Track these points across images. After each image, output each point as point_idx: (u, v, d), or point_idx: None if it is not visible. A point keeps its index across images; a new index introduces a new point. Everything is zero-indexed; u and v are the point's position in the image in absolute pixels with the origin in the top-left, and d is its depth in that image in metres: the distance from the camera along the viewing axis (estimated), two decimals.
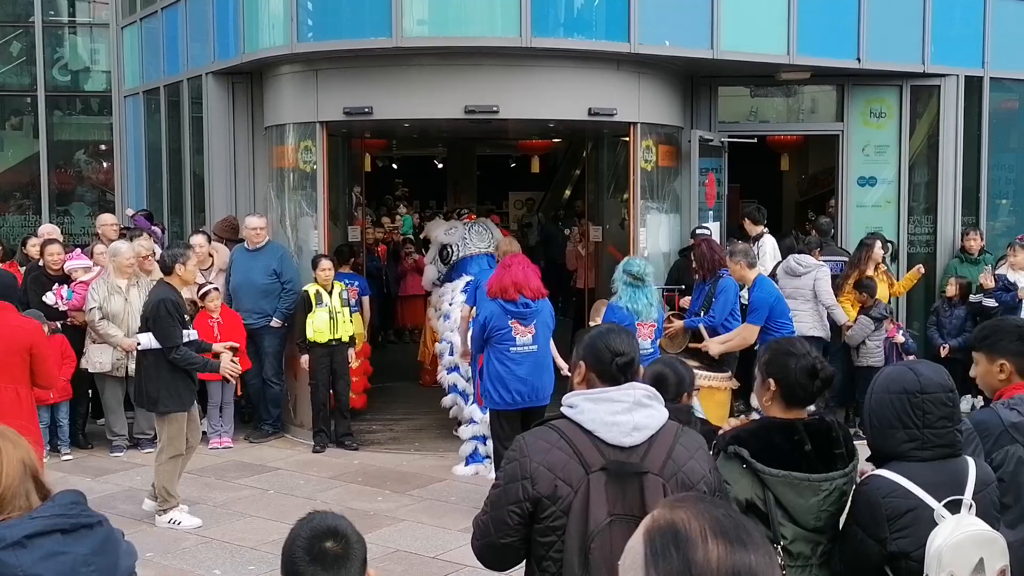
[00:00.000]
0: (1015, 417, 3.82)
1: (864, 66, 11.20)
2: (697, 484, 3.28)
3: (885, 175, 11.94)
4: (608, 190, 13.00)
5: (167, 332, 7.67)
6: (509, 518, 3.28)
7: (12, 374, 6.45)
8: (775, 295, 8.65)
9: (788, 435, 3.52)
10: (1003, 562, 3.32)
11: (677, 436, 3.34)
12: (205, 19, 11.73)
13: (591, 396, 3.32)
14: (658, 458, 3.27)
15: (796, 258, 10.34)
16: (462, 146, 18.15)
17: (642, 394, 3.33)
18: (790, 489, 3.47)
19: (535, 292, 7.96)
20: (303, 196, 10.74)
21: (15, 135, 17.04)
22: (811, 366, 3.57)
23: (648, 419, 3.30)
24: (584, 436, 3.25)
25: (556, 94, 10.08)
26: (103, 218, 11.76)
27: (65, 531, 2.65)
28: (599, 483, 3.21)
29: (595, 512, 3.19)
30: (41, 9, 16.19)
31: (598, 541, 3.15)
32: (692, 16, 10.38)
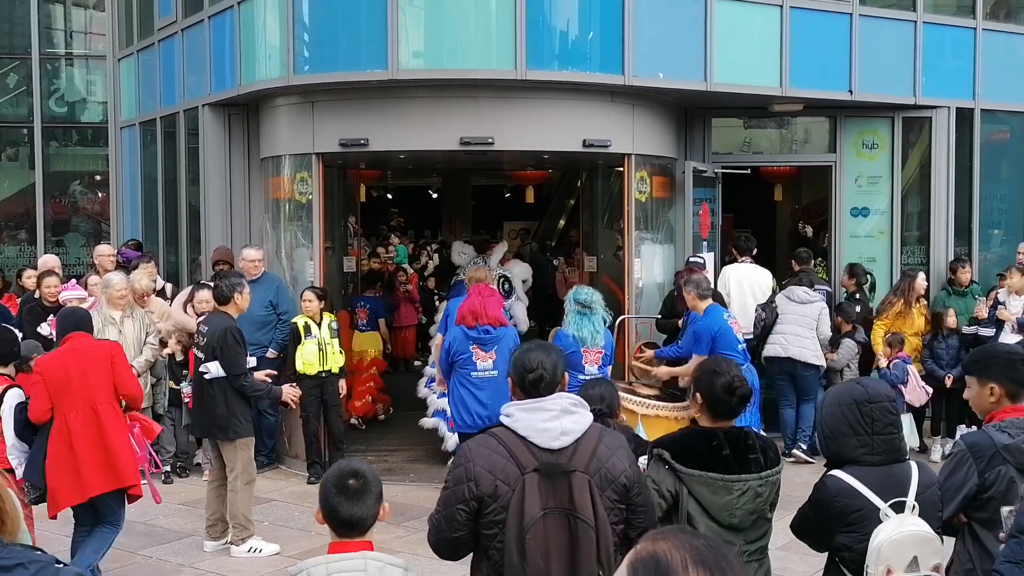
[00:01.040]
0: (1006, 439, 4.05)
1: (856, 98, 11.29)
2: (618, 478, 3.80)
3: (878, 206, 12.01)
4: (602, 220, 13.05)
5: (235, 360, 7.81)
6: (458, 515, 3.78)
7: (106, 391, 6.92)
8: (719, 327, 8.72)
9: (707, 441, 4.10)
10: (937, 560, 3.68)
11: (600, 437, 3.85)
12: (202, 51, 11.80)
13: (524, 406, 3.83)
14: (583, 457, 3.77)
15: (800, 287, 10.63)
16: (457, 176, 18.21)
17: (568, 402, 3.84)
18: (705, 487, 4.00)
19: (493, 320, 8.22)
20: (299, 227, 10.77)
21: (11, 166, 17.06)
22: (729, 384, 4.14)
23: (574, 424, 3.80)
24: (519, 441, 3.76)
25: (551, 126, 10.14)
26: (100, 249, 11.75)
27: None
28: (533, 482, 3.71)
29: (529, 507, 3.69)
30: (38, 41, 16.26)
31: (533, 531, 3.67)
32: (686, 49, 10.47)
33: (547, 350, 4.03)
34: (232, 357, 7.80)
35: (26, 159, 16.71)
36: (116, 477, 6.89)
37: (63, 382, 6.88)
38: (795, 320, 10.39)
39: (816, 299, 10.52)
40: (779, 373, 10.46)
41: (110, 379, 7.00)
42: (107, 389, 6.96)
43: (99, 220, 16.55)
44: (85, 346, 7.06)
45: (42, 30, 16.49)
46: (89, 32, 17.24)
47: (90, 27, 17.25)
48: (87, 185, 16.87)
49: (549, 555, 3.70)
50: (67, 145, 16.97)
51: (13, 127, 16.77)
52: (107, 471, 6.85)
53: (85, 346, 7.06)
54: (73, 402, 6.84)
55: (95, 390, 6.90)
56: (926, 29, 11.76)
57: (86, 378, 6.92)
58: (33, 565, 2.70)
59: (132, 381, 7.21)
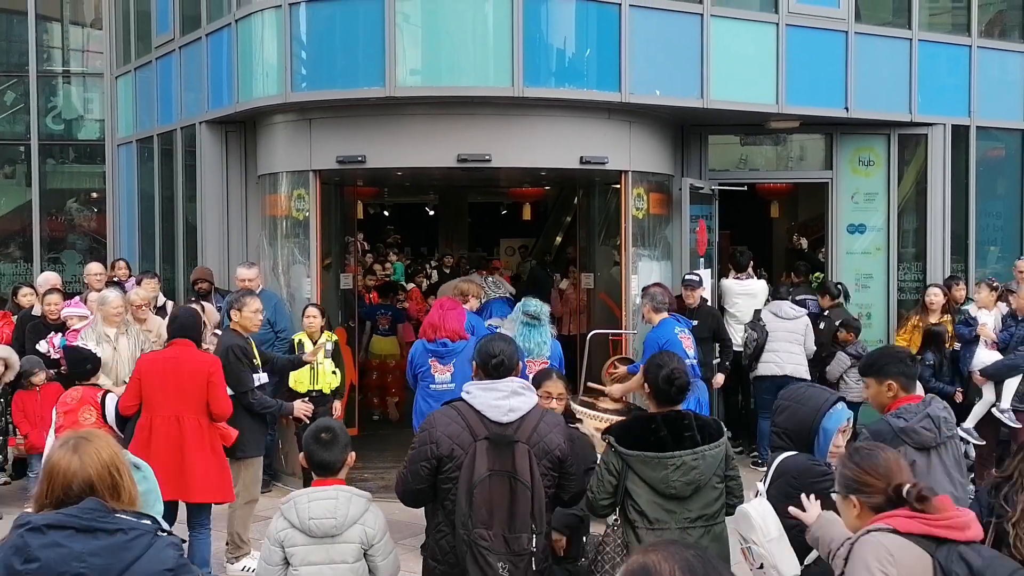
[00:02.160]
0: (902, 423, 4.75)
1: (852, 115, 11.33)
2: (553, 450, 4.72)
3: (874, 222, 12.03)
4: (599, 237, 13.06)
5: (239, 377, 7.79)
6: (421, 471, 4.70)
7: (196, 405, 7.01)
8: (666, 339, 8.68)
9: (647, 425, 4.82)
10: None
11: (542, 416, 4.79)
12: (199, 68, 11.82)
13: (481, 386, 4.77)
14: (526, 431, 4.67)
15: (786, 303, 10.77)
16: (454, 193, 18.24)
17: (518, 385, 4.78)
18: (644, 464, 4.71)
19: (451, 334, 8.27)
20: (296, 244, 10.77)
21: (7, 184, 17.05)
22: (669, 375, 4.86)
23: (521, 404, 4.71)
24: (474, 414, 4.68)
25: (548, 142, 10.16)
26: (90, 267, 11.72)
27: (79, 529, 3.10)
28: (483, 448, 4.62)
29: (478, 468, 4.60)
30: (36, 59, 16.28)
31: (479, 488, 4.59)
32: (682, 66, 10.50)
33: (507, 341, 5.00)
34: (235, 375, 7.76)
35: (23, 176, 16.69)
36: (184, 491, 7.02)
37: (157, 385, 7.08)
38: (784, 337, 10.50)
39: (801, 314, 10.66)
40: (769, 388, 10.48)
41: (203, 394, 7.09)
42: (197, 403, 7.04)
43: (96, 237, 16.53)
44: (186, 356, 7.20)
45: (39, 48, 16.51)
46: (86, 50, 17.25)
47: (87, 45, 17.27)
48: (84, 202, 16.85)
49: (492, 508, 4.60)
50: (64, 162, 16.96)
51: (10, 145, 16.76)
52: (177, 482, 6.92)
53: (186, 356, 7.20)
54: (161, 407, 6.96)
55: (185, 402, 6.99)
56: (921, 47, 11.81)
57: (180, 388, 7.04)
58: (132, 531, 3.17)
59: (225, 400, 7.27)
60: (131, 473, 3.32)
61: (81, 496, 3.18)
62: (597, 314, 12.50)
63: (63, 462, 3.22)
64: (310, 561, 4.47)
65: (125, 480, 3.27)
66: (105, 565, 3.10)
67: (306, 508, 4.47)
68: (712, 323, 10.31)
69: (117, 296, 9.71)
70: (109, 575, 3.11)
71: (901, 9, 12.10)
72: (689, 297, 10.21)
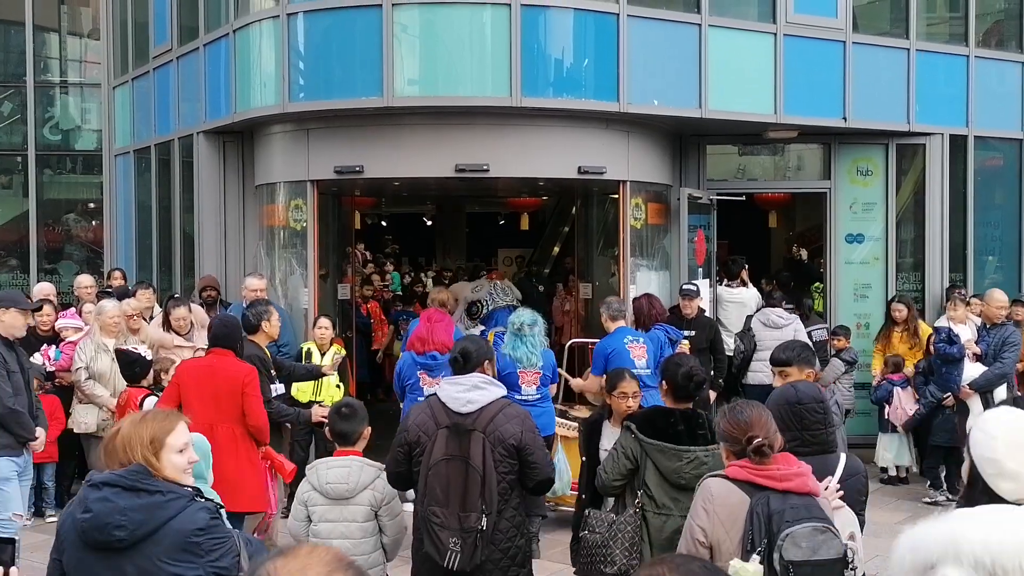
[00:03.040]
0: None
1: (850, 125, 11.33)
2: (507, 440, 5.14)
3: (872, 232, 12.02)
4: (597, 247, 13.04)
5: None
6: (398, 455, 5.28)
7: (230, 414, 6.95)
8: (613, 348, 8.71)
9: (667, 418, 5.19)
10: (851, 529, 4.23)
11: (501, 408, 5.22)
12: (197, 79, 11.81)
13: (448, 381, 5.36)
14: (483, 422, 5.14)
15: (775, 311, 10.75)
16: (452, 203, 18.24)
17: (479, 380, 5.26)
18: (661, 454, 5.06)
19: (440, 346, 8.24)
20: (293, 254, 10.76)
21: (4, 194, 17.02)
22: (688, 372, 5.32)
23: (480, 396, 5.19)
24: (440, 405, 5.21)
25: (546, 152, 10.16)
26: (80, 280, 11.62)
27: (125, 488, 3.58)
28: (443, 435, 5.14)
29: (436, 452, 5.13)
30: (33, 69, 16.27)
31: (434, 470, 5.12)
32: (680, 76, 10.50)
33: (474, 342, 5.59)
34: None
35: (20, 187, 16.67)
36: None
37: (193, 392, 7.04)
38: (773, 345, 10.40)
39: (791, 321, 10.67)
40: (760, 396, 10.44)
41: (238, 403, 7.03)
42: (232, 414, 6.96)
43: (93, 248, 16.51)
44: (224, 365, 7.16)
45: (37, 58, 16.50)
46: (84, 60, 17.25)
47: (85, 55, 17.27)
48: (81, 213, 16.83)
49: (448, 488, 5.11)
50: (61, 173, 16.95)
51: (7, 155, 16.73)
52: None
53: (224, 365, 7.16)
54: (196, 414, 6.73)
55: (219, 410, 6.92)
56: (919, 56, 11.81)
57: (215, 397, 6.99)
58: (170, 494, 3.62)
59: (260, 411, 7.17)
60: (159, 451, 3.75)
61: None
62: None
63: (126, 431, 3.79)
64: (327, 519, 5.24)
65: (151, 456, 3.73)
66: (143, 520, 3.56)
67: (325, 473, 5.22)
68: (709, 333, 10.27)
69: (115, 306, 9.68)
70: (145, 528, 3.56)
71: (899, 19, 12.11)
72: (687, 307, 10.18)
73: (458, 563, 5.09)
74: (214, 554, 3.65)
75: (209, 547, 3.65)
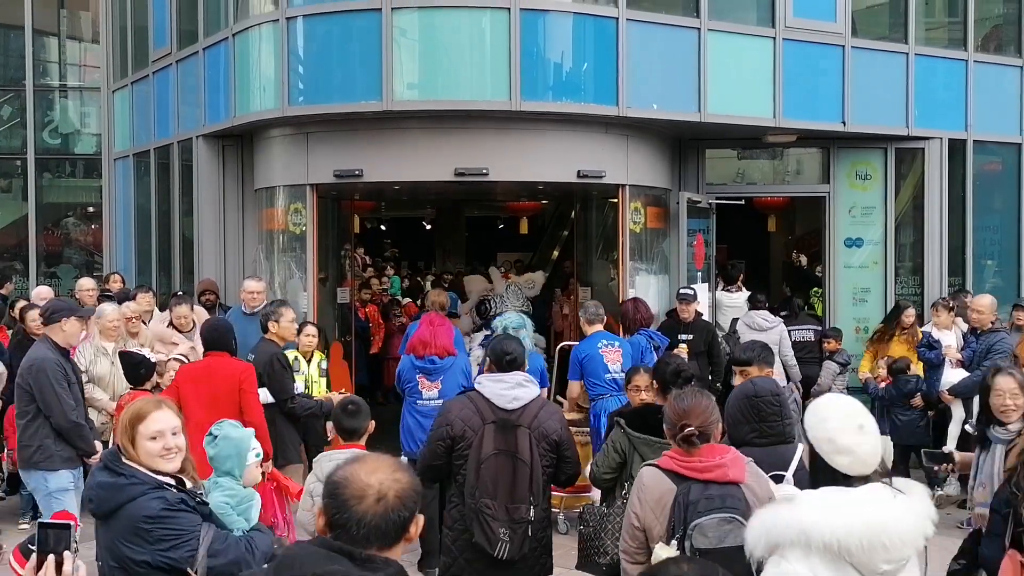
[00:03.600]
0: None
1: (849, 129, 11.34)
2: (550, 435, 5.44)
3: (871, 236, 12.03)
4: (597, 251, 13.05)
5: (282, 385, 7.85)
6: (438, 449, 5.43)
7: (228, 412, 6.88)
8: (585, 354, 8.78)
9: (654, 414, 5.18)
10: None
11: (542, 406, 5.55)
12: (196, 83, 11.82)
13: (491, 378, 5.53)
14: (528, 418, 5.41)
15: (760, 314, 10.91)
16: (451, 207, 18.23)
17: (522, 378, 5.52)
18: (647, 447, 5.30)
19: (440, 350, 8.18)
20: (292, 258, 10.76)
21: (4, 198, 17.05)
22: (676, 369, 5.71)
23: (524, 394, 5.46)
24: (484, 401, 5.43)
25: (545, 156, 10.16)
26: (82, 283, 11.58)
27: (104, 467, 3.96)
28: (490, 431, 5.36)
29: (485, 447, 5.35)
30: (33, 73, 16.29)
31: (485, 464, 5.33)
32: (680, 80, 10.51)
33: (516, 341, 5.83)
34: (280, 382, 7.83)
35: (19, 191, 16.70)
36: None
37: (192, 394, 7.20)
38: None
39: (776, 323, 10.83)
40: None
41: (235, 401, 7.14)
42: (229, 410, 6.95)
43: (92, 252, 16.52)
44: (219, 365, 7.37)
45: (37, 62, 16.53)
46: (83, 64, 17.28)
47: (84, 59, 17.30)
48: (80, 217, 16.86)
49: (497, 481, 5.34)
50: (60, 177, 16.97)
51: (6, 159, 16.76)
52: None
53: (219, 365, 7.37)
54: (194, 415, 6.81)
55: (217, 410, 6.88)
56: (918, 61, 11.82)
57: (212, 397, 7.11)
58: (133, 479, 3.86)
59: (257, 408, 7.29)
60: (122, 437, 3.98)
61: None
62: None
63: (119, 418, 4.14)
64: None
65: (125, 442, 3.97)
66: (106, 497, 3.89)
67: (327, 465, 5.32)
68: (707, 337, 10.26)
69: (114, 310, 9.66)
70: (108, 506, 3.88)
71: (898, 24, 12.12)
72: (684, 311, 10.17)
73: (507, 553, 5.36)
74: (163, 544, 3.79)
75: (158, 536, 3.79)
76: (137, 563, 3.80)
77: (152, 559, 3.80)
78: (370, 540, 2.60)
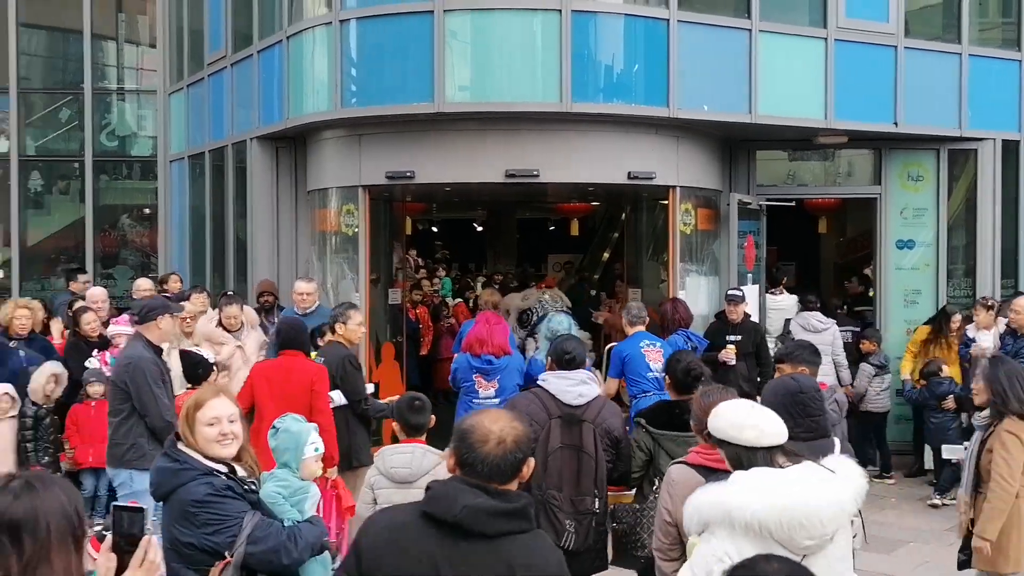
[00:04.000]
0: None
1: (901, 130, 11.27)
2: (612, 431, 5.73)
3: (923, 238, 11.93)
4: (647, 253, 13.05)
5: (355, 386, 7.94)
6: None
7: (298, 411, 6.94)
8: (628, 353, 8.84)
9: (672, 409, 5.67)
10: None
11: (604, 403, 5.90)
12: (250, 85, 11.98)
13: (555, 375, 5.87)
14: (592, 414, 5.72)
15: (814, 315, 10.99)
16: (502, 209, 18.30)
17: (585, 376, 5.92)
18: (671, 442, 5.51)
19: (497, 349, 8.26)
20: (345, 259, 10.86)
21: (62, 200, 17.38)
22: (687, 367, 5.90)
23: (588, 391, 5.79)
24: (550, 397, 5.75)
25: (595, 158, 10.19)
26: (139, 283, 11.71)
27: (166, 455, 4.19)
28: (556, 425, 5.67)
29: (552, 441, 5.64)
30: (91, 77, 16.59)
31: (552, 457, 5.62)
32: (730, 81, 10.49)
33: (577, 341, 6.23)
34: (352, 383, 7.91)
35: (77, 193, 17.02)
36: None
37: (265, 392, 7.41)
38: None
39: (830, 325, 10.93)
40: None
41: (307, 400, 7.28)
42: (301, 409, 6.93)
43: (147, 253, 16.79)
44: (294, 365, 7.54)
45: (95, 66, 16.84)
46: (140, 68, 17.58)
47: (141, 63, 17.59)
48: (136, 218, 17.14)
49: (562, 474, 5.62)
50: (117, 179, 17.27)
51: (65, 161, 17.09)
52: None
53: (294, 365, 7.54)
54: (268, 413, 7.01)
55: (290, 408, 6.86)
56: (972, 61, 11.71)
57: (285, 395, 7.25)
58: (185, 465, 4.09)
59: (326, 409, 7.43)
60: (182, 423, 4.21)
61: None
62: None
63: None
64: (391, 501, 5.34)
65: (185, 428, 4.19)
66: (162, 482, 4.14)
67: (390, 458, 5.51)
68: (755, 338, 10.23)
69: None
70: (162, 490, 4.13)
71: (951, 24, 12.02)
72: (732, 312, 10.15)
73: (573, 543, 5.56)
74: (208, 528, 4.01)
75: (203, 520, 4.01)
76: (184, 544, 4.02)
77: (197, 542, 4.01)
78: (492, 477, 3.11)
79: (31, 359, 9.48)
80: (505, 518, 3.06)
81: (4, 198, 16.91)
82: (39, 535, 2.54)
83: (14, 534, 2.52)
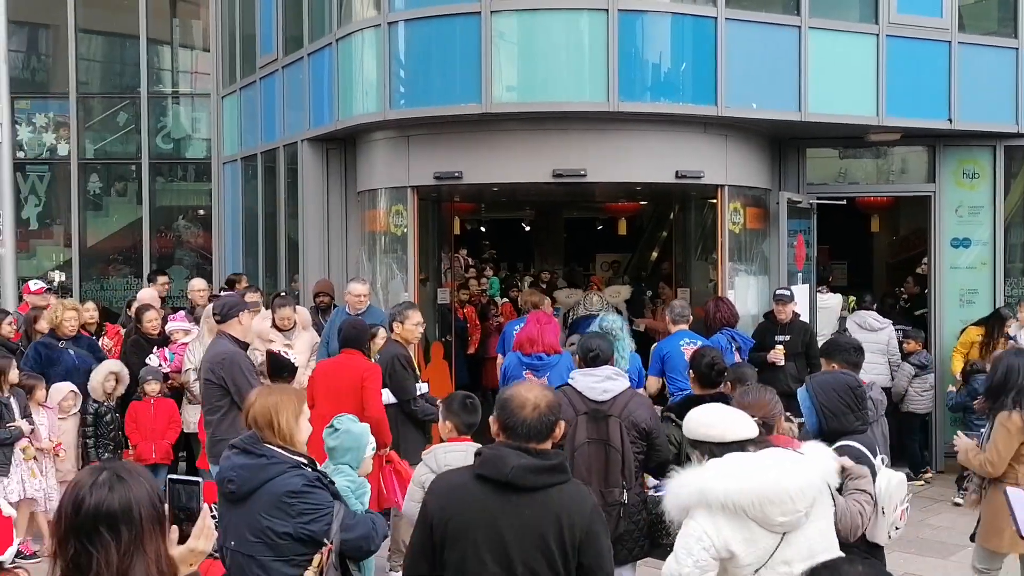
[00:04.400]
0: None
1: (956, 127, 11.11)
2: (640, 424, 5.87)
3: (979, 236, 11.76)
4: (695, 252, 12.99)
5: (404, 385, 8.06)
6: None
7: (351, 408, 7.15)
8: (667, 351, 8.93)
9: (698, 403, 5.45)
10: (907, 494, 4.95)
11: (631, 397, 6.00)
12: (301, 88, 12.10)
13: (582, 372, 6.07)
14: (618, 408, 5.87)
15: (870, 314, 11.10)
16: (550, 209, 18.28)
17: (611, 372, 6.07)
18: None
19: (548, 348, 8.23)
20: (394, 259, 10.94)
21: (120, 201, 17.64)
22: (710, 362, 6.39)
23: (613, 386, 5.94)
24: (577, 394, 5.93)
25: (643, 157, 10.16)
26: (194, 283, 11.83)
27: (240, 449, 4.31)
28: (583, 421, 5.85)
29: (579, 436, 5.82)
30: (147, 81, 16.84)
31: (579, 452, 5.80)
32: (779, 78, 10.41)
33: (603, 338, 6.42)
34: (400, 382, 8.01)
35: (134, 195, 17.27)
36: None
37: (322, 389, 7.64)
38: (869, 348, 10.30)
39: (886, 325, 10.96)
40: None
41: (358, 397, 7.46)
42: (353, 406, 7.18)
43: (202, 253, 17.00)
44: (350, 363, 7.78)
45: (150, 70, 17.09)
46: (194, 71, 17.81)
47: (195, 66, 17.83)
48: (191, 219, 17.36)
49: (591, 468, 5.79)
50: (172, 181, 17.49)
51: (123, 164, 17.36)
52: None
53: (350, 363, 7.78)
54: (322, 409, 7.10)
55: (341, 405, 7.09)
56: None
57: (338, 392, 7.43)
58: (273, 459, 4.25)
59: (377, 404, 7.61)
60: (290, 418, 4.34)
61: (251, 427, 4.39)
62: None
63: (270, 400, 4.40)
64: None
65: (280, 422, 4.31)
66: (247, 477, 4.23)
67: (443, 457, 5.51)
68: (805, 338, 10.11)
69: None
70: (250, 485, 4.22)
71: (1006, 18, 11.82)
72: (781, 312, 10.04)
73: None
74: (305, 517, 4.19)
75: (300, 509, 4.20)
76: (279, 535, 4.17)
77: (294, 531, 4.18)
78: (531, 438, 3.69)
79: (81, 358, 9.67)
80: (548, 473, 3.65)
81: (65, 200, 17.23)
82: (133, 524, 2.71)
83: (112, 525, 2.69)
